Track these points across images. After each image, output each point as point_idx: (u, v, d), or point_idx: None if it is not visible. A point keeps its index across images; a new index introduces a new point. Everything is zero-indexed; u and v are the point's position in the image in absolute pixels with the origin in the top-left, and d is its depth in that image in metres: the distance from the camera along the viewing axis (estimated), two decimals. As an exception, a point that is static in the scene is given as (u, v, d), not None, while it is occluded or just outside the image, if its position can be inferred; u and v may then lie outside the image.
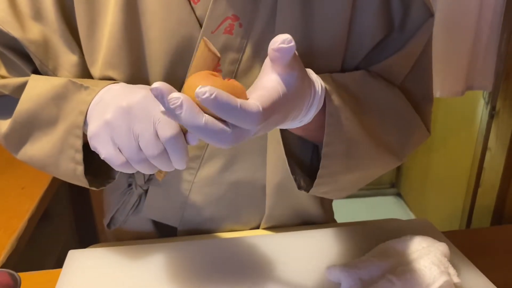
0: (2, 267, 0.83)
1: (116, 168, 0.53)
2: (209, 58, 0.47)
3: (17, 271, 0.61)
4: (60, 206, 1.44)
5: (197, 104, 0.42)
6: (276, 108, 0.44)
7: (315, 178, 0.62)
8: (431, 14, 0.67)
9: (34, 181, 1.09)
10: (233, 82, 0.44)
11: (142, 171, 0.53)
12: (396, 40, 0.67)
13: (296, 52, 0.48)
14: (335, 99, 0.58)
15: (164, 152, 0.50)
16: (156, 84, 0.42)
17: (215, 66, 0.47)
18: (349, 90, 0.62)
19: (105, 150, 0.52)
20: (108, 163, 0.52)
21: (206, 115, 0.41)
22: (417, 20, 0.66)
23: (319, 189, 0.65)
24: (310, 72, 0.55)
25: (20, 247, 0.91)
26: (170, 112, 0.42)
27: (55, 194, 1.15)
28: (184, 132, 0.50)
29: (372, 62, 0.67)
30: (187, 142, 0.50)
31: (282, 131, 0.65)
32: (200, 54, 0.48)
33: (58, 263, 1.29)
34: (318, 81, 0.55)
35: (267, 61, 0.47)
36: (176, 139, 0.49)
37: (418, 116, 0.69)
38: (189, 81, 0.44)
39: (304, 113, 0.53)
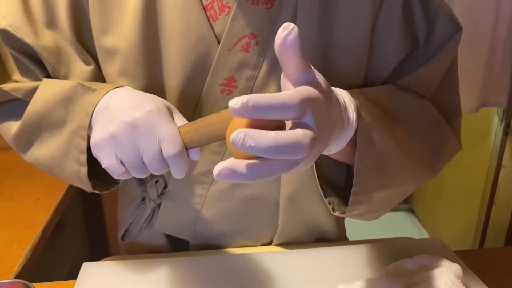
0: (17, 277, 0.84)
1: (115, 177, 0.56)
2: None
3: (29, 281, 0.62)
4: (73, 217, 1.46)
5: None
6: (313, 103, 0.40)
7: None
8: (459, 28, 0.67)
9: (49, 192, 1.10)
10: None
11: (137, 176, 0.56)
12: (422, 55, 0.67)
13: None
14: (366, 114, 0.57)
15: (166, 166, 0.54)
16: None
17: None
18: (379, 104, 0.62)
19: (107, 161, 0.54)
20: (109, 172, 0.55)
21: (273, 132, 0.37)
22: (443, 34, 0.67)
23: (354, 209, 0.63)
24: (338, 89, 0.56)
25: (34, 258, 0.92)
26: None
27: (68, 205, 1.16)
28: (187, 148, 0.53)
29: (398, 76, 0.67)
30: (189, 157, 0.53)
31: None
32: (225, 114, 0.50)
33: (70, 274, 1.30)
34: (346, 96, 0.55)
35: (283, 78, 0.45)
36: (179, 156, 0.52)
37: (450, 129, 0.69)
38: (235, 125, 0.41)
39: (345, 128, 0.53)
